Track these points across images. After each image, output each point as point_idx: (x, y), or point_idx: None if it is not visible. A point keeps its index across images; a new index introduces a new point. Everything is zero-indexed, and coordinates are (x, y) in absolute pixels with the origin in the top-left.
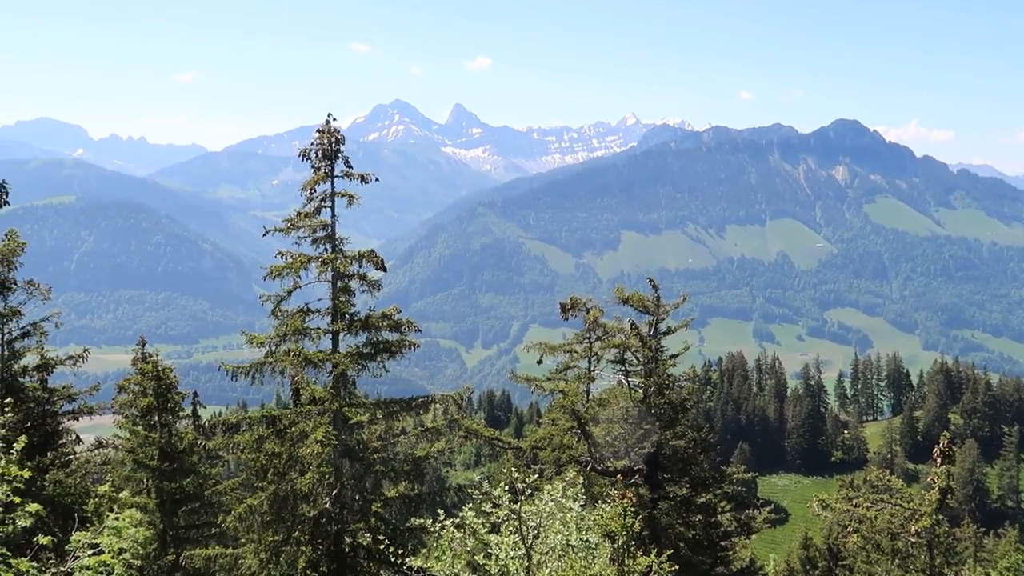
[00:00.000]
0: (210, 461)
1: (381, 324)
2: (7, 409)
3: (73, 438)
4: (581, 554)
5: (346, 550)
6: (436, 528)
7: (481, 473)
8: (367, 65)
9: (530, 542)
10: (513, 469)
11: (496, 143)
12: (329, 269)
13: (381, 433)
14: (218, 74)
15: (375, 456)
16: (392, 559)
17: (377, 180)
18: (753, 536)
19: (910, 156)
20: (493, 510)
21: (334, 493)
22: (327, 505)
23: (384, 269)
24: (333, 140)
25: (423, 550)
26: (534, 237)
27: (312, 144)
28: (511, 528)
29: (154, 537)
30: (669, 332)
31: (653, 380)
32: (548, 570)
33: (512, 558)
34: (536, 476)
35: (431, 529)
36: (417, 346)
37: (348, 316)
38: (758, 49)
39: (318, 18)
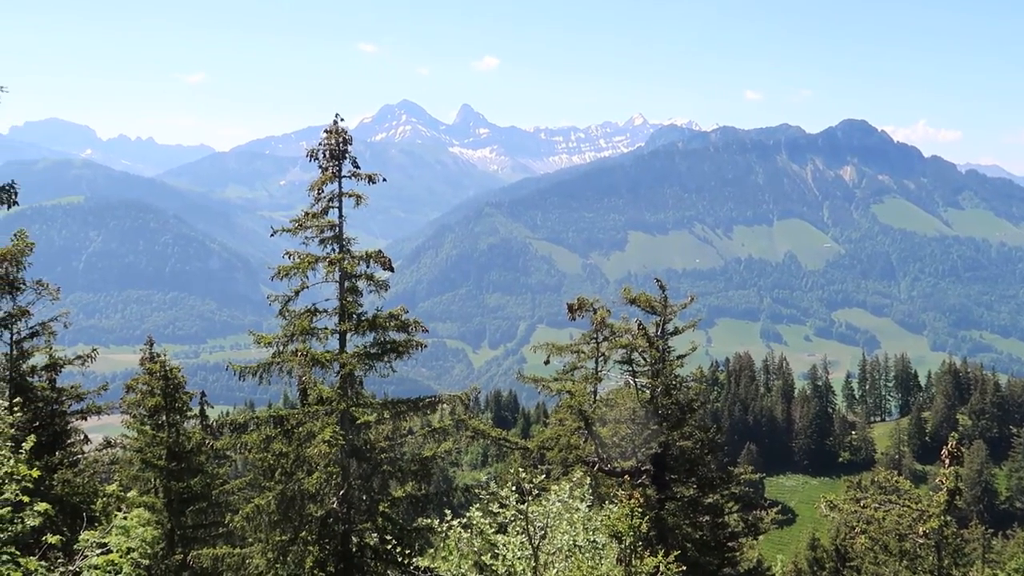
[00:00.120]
0: (218, 461)
1: (388, 324)
2: (16, 409)
3: (81, 437)
4: (588, 554)
5: (353, 550)
6: (443, 528)
7: (488, 473)
8: (374, 65)
9: (537, 542)
10: (520, 469)
11: (503, 143)
12: (336, 269)
13: (388, 433)
14: (226, 75)
15: (382, 456)
16: (399, 559)
17: (384, 180)
18: (760, 537)
19: (918, 156)
20: (500, 510)
21: (341, 493)
22: (334, 505)
23: (391, 269)
24: (340, 140)
25: (430, 550)
26: (541, 237)
27: (320, 144)
28: (518, 528)
29: (162, 536)
30: (676, 332)
31: (660, 381)
32: (555, 570)
33: (519, 558)
34: (543, 476)
35: (438, 529)
36: (424, 346)
37: (355, 316)
38: (765, 49)
39: (326, 18)
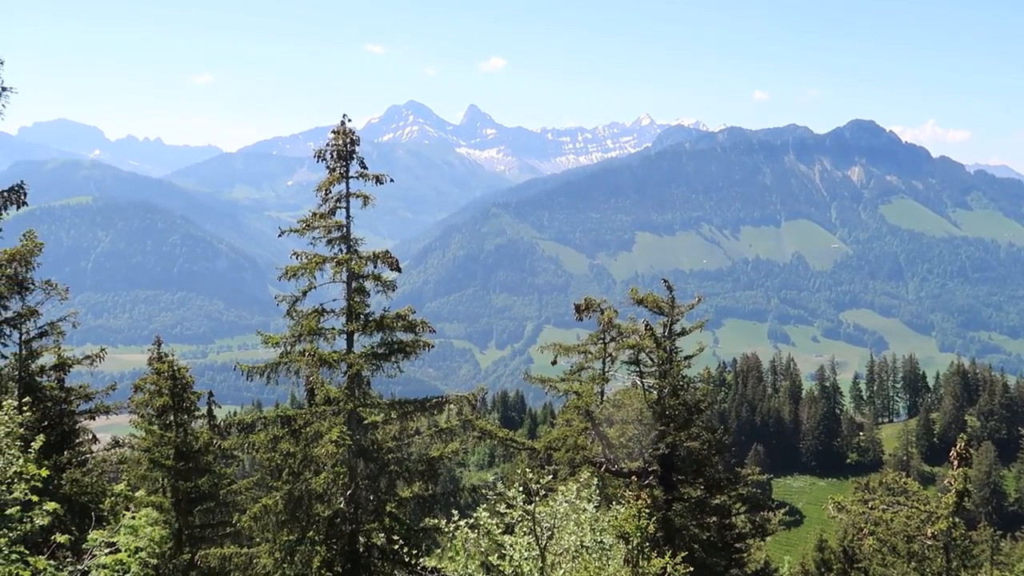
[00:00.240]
0: (225, 461)
1: (395, 324)
2: (25, 408)
3: (90, 437)
4: (595, 555)
5: (360, 550)
6: (450, 528)
7: (495, 474)
8: (382, 66)
9: (544, 543)
10: (527, 470)
11: (510, 144)
12: (344, 270)
13: (395, 433)
14: (234, 75)
15: (389, 456)
16: (406, 559)
17: (392, 181)
18: (768, 538)
19: (926, 156)
20: (507, 511)
21: (348, 493)
22: (341, 505)
23: (399, 270)
24: (348, 141)
25: (437, 550)
26: (548, 238)
27: (327, 145)
28: (525, 529)
29: (170, 536)
30: (684, 333)
31: (667, 381)
32: (562, 571)
33: (526, 559)
34: (550, 477)
35: (445, 529)
36: (431, 347)
37: (363, 316)
38: (773, 49)
39: (333, 19)
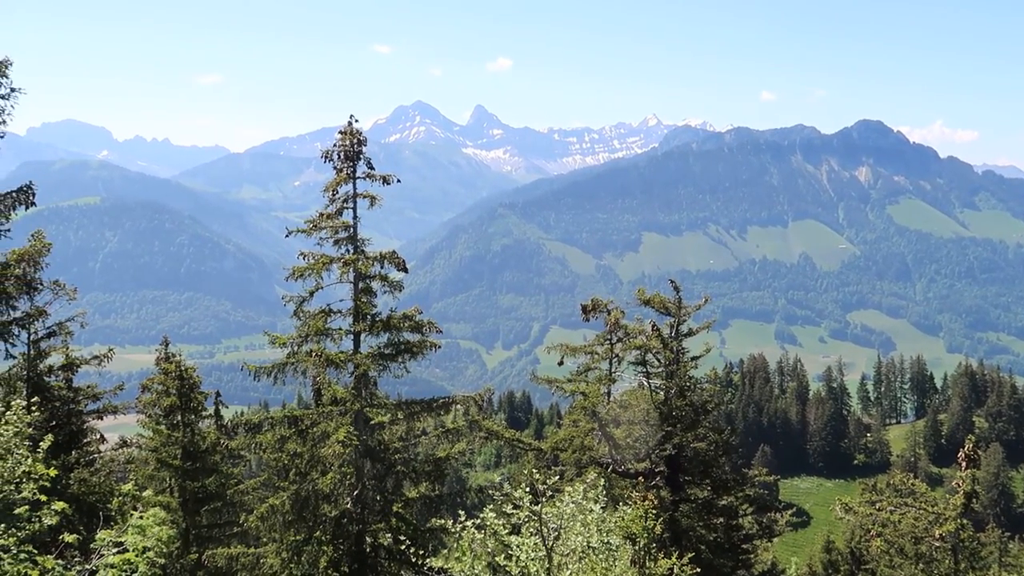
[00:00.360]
0: (232, 461)
1: (402, 325)
2: (33, 408)
3: (97, 437)
4: (602, 556)
5: (367, 550)
6: (456, 529)
7: (501, 474)
8: (388, 66)
9: (551, 544)
10: (534, 470)
11: (517, 144)
12: (351, 270)
13: (402, 434)
14: (241, 76)
15: (396, 457)
16: (413, 559)
17: (399, 181)
18: (775, 539)
19: (934, 157)
20: (514, 511)
21: (355, 493)
22: (348, 505)
23: (405, 270)
24: (355, 141)
25: (443, 551)
26: (555, 238)
27: (334, 145)
28: (532, 529)
29: (177, 536)
30: (690, 334)
31: (674, 382)
32: (569, 572)
33: (532, 559)
34: (557, 478)
35: (452, 530)
36: (438, 347)
37: (370, 317)
38: (780, 50)
39: (340, 20)
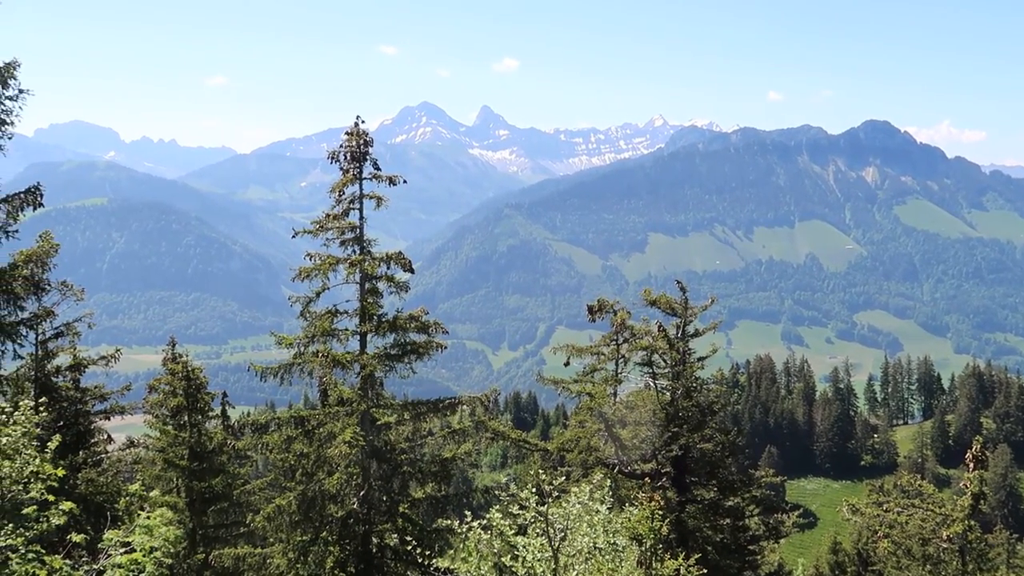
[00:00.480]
0: (239, 461)
1: (408, 325)
2: (41, 408)
3: (105, 437)
4: (608, 557)
5: (373, 551)
6: (463, 529)
7: (508, 475)
8: (395, 67)
9: (557, 544)
10: (540, 471)
11: (523, 145)
12: (357, 271)
13: (408, 434)
14: (247, 77)
15: (402, 457)
16: (419, 560)
17: (405, 182)
18: (781, 540)
19: (941, 157)
20: (520, 512)
21: (362, 494)
22: (355, 506)
23: (412, 271)
24: (361, 142)
25: (450, 551)
26: (561, 239)
27: (340, 146)
28: (538, 530)
29: (184, 536)
30: (697, 334)
31: (681, 383)
32: (575, 573)
33: (539, 560)
34: (563, 478)
35: (458, 530)
36: (444, 348)
37: (376, 317)
38: (786, 50)
39: (346, 21)
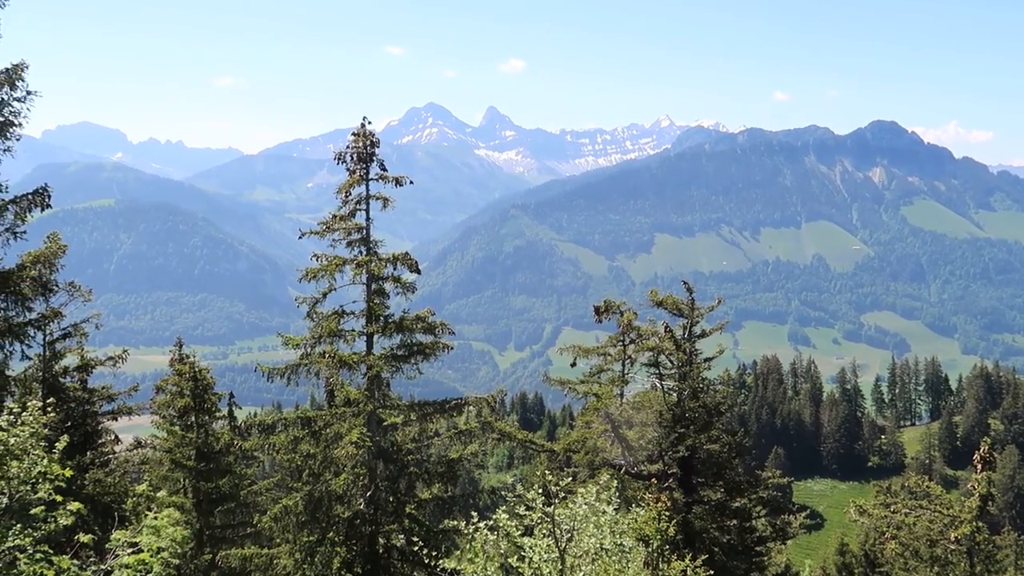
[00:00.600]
0: (246, 462)
1: (415, 326)
2: (49, 409)
3: (112, 438)
4: (615, 558)
5: (380, 551)
6: (469, 530)
7: (514, 476)
8: (401, 68)
9: (563, 545)
10: (546, 472)
11: (529, 145)
12: (364, 271)
13: (415, 435)
14: (254, 79)
15: (409, 458)
16: (425, 560)
17: (411, 183)
18: (788, 542)
19: (949, 157)
20: (526, 513)
21: (368, 494)
22: (361, 506)
23: (418, 271)
24: (368, 143)
25: (456, 552)
26: (567, 239)
27: (347, 147)
28: (544, 531)
29: (191, 536)
30: (703, 335)
31: (687, 383)
32: (581, 574)
33: (545, 561)
34: (569, 479)
35: (464, 531)
36: (450, 348)
37: (382, 318)
38: (792, 50)
39: (353, 22)
